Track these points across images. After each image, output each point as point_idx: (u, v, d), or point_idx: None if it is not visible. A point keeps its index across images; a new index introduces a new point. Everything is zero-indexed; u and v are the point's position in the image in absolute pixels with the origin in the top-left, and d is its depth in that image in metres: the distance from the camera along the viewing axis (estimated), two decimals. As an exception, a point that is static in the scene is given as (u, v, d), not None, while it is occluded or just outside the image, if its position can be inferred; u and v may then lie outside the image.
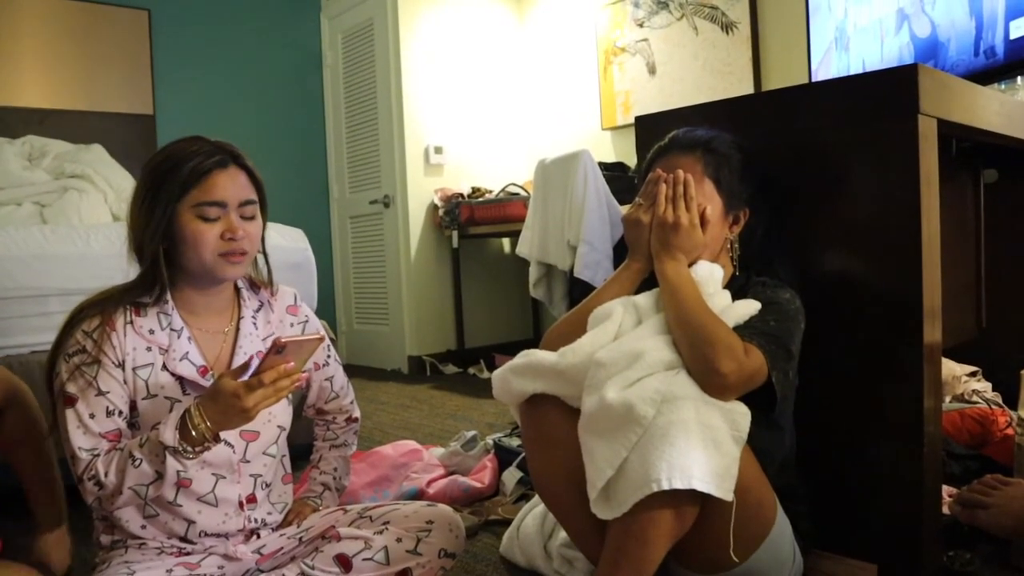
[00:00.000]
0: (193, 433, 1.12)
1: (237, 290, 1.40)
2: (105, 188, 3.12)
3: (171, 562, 1.25)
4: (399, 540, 1.31)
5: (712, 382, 1.10)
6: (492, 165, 4.73)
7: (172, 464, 1.13)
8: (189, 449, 1.13)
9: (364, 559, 1.28)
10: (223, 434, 1.24)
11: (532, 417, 1.26)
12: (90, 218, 2.92)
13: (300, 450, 2.46)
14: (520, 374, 1.25)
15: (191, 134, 1.31)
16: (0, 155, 3.14)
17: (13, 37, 3.81)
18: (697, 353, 1.13)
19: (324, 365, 1.54)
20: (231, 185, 1.25)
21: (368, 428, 3.02)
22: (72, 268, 2.13)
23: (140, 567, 1.22)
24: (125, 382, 1.23)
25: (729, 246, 1.37)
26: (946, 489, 1.60)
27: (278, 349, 1.07)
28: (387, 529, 1.32)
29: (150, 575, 1.21)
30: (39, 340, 2.04)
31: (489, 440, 2.33)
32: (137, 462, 1.14)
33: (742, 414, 1.10)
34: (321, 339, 1.17)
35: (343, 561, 1.28)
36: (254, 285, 1.43)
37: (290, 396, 1.40)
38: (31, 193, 3.03)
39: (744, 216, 1.37)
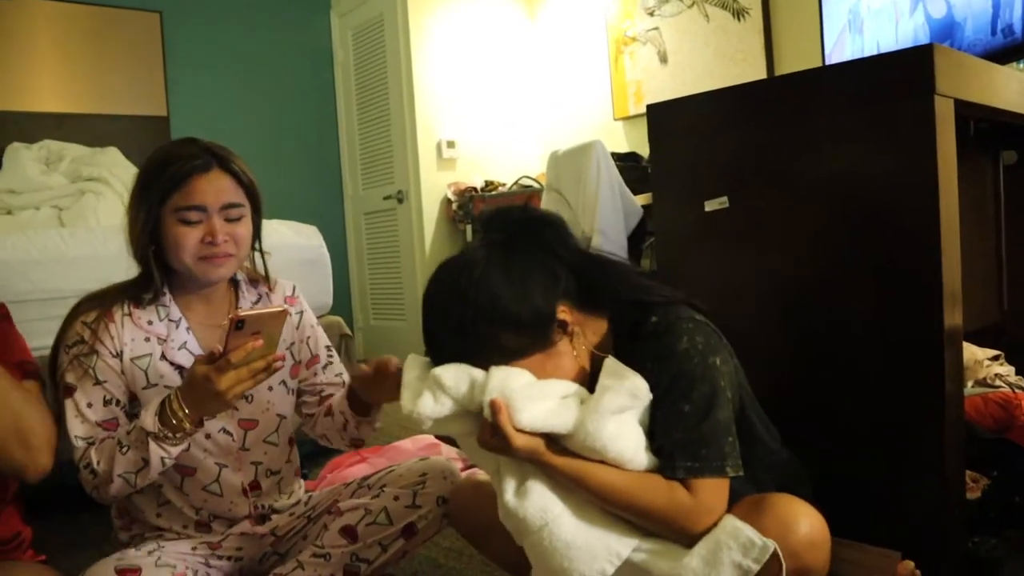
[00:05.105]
0: (173, 420, 1.12)
1: (236, 284, 1.40)
2: (121, 190, 3.16)
3: (194, 540, 1.31)
4: (396, 499, 1.33)
5: (692, 543, 1.00)
6: (505, 158, 4.72)
7: (156, 451, 1.13)
8: (170, 435, 1.13)
9: (367, 524, 1.31)
10: (220, 422, 1.28)
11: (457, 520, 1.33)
12: (107, 220, 2.95)
13: (313, 446, 2.48)
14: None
15: (204, 135, 1.33)
16: (18, 160, 3.18)
17: (27, 43, 3.84)
18: (658, 530, 1.02)
19: (327, 364, 1.49)
20: (211, 189, 1.24)
21: (386, 423, 3.01)
22: (90, 270, 2.14)
23: (167, 542, 1.28)
24: (123, 372, 1.24)
25: (574, 340, 1.08)
26: (970, 474, 1.58)
27: (237, 325, 1.04)
28: (383, 492, 1.35)
29: (178, 547, 1.27)
30: (60, 342, 2.07)
31: (507, 433, 2.33)
32: (124, 449, 1.15)
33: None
34: (284, 312, 1.13)
35: (349, 532, 1.31)
36: (253, 280, 1.43)
37: (289, 386, 1.42)
38: (49, 197, 3.07)
39: (566, 315, 1.06)
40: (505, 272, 1.04)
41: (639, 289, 1.11)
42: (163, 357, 1.27)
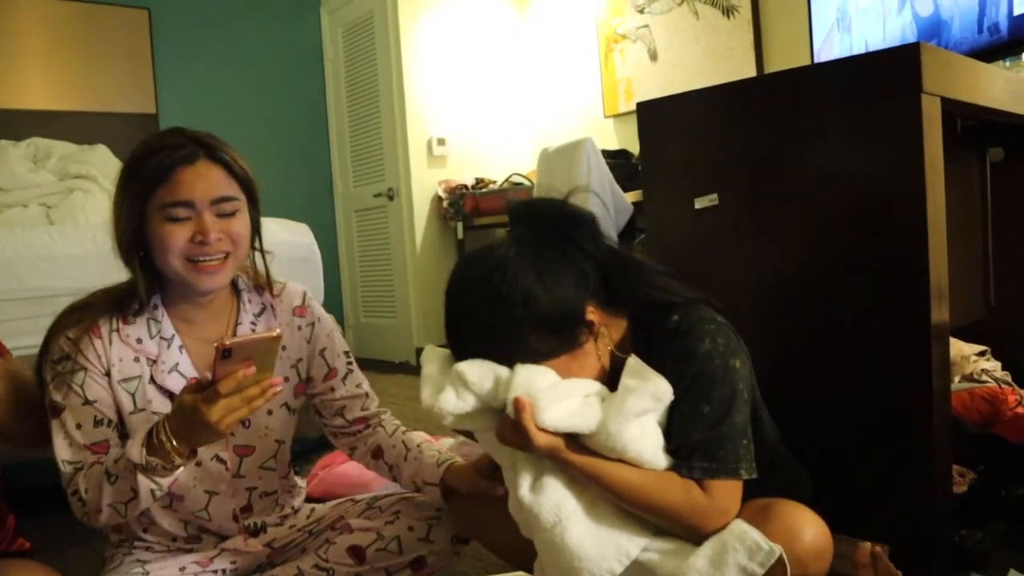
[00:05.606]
0: (161, 451, 1.01)
1: (238, 292, 1.29)
2: (110, 188, 3.10)
3: (184, 560, 1.24)
4: (411, 529, 1.30)
5: (703, 541, 1.01)
6: (495, 155, 4.72)
7: (144, 483, 1.03)
8: (159, 467, 1.02)
9: (377, 549, 1.28)
10: (213, 449, 1.20)
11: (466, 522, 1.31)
12: (96, 218, 2.93)
13: (306, 444, 2.48)
14: None
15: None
16: (5, 158, 3.15)
17: (15, 40, 3.82)
18: (671, 527, 1.03)
19: (347, 375, 1.39)
20: (199, 182, 1.11)
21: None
22: (80, 268, 2.14)
23: (153, 566, 1.21)
24: (112, 391, 1.16)
25: (598, 341, 1.07)
26: (957, 469, 1.60)
27: (224, 354, 0.94)
28: (398, 519, 1.32)
29: (164, 574, 1.20)
30: (49, 340, 2.06)
31: (498, 430, 2.33)
32: (112, 479, 1.06)
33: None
34: (277, 337, 1.00)
35: (356, 553, 1.27)
36: (258, 286, 1.31)
37: (292, 408, 1.33)
38: (37, 195, 3.05)
39: (593, 315, 1.05)
40: (538, 272, 1.01)
41: (661, 289, 1.10)
42: (152, 380, 1.17)
